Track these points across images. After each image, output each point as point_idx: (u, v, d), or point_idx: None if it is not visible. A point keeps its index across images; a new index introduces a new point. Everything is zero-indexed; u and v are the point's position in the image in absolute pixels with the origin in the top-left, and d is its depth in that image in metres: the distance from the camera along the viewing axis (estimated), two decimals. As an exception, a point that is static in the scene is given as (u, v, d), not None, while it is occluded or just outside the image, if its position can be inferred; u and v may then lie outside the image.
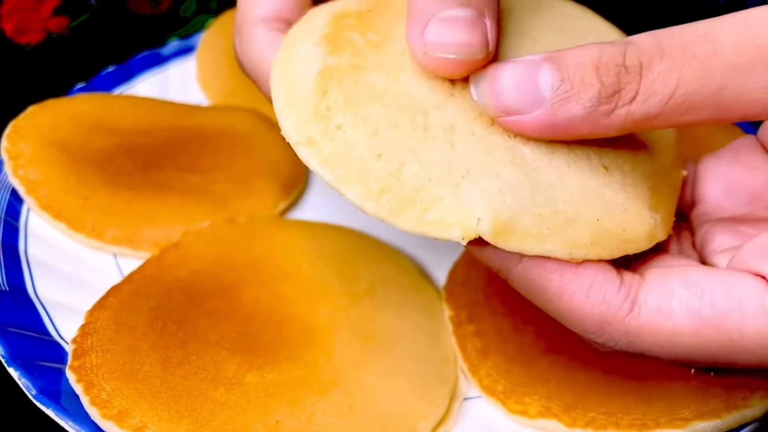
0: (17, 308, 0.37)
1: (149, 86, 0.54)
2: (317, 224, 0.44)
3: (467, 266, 0.41)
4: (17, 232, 0.41)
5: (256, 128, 0.50)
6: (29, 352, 0.35)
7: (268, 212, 0.45)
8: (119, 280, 0.39)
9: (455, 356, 0.38)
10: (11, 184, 0.43)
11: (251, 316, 0.37)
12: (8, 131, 0.44)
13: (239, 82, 0.54)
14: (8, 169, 0.43)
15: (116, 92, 0.53)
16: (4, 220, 0.42)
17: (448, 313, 0.39)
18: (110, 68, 0.54)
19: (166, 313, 0.37)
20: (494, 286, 0.40)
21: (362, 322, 0.38)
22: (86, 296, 0.38)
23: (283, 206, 0.46)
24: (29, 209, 0.43)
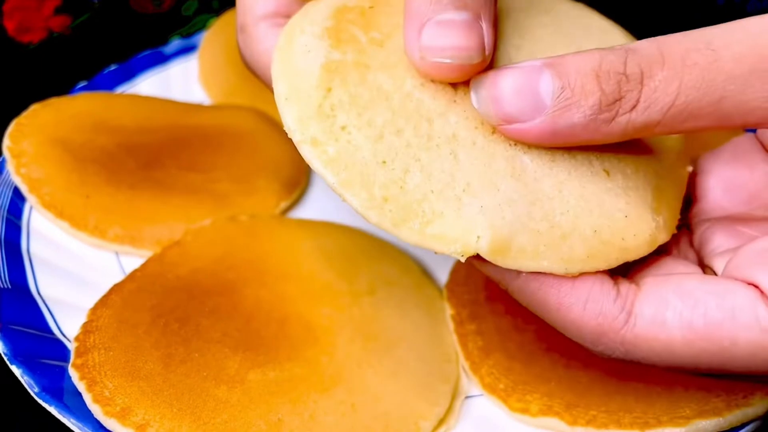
0: (20, 306, 0.37)
1: (151, 85, 0.54)
2: (319, 223, 0.44)
3: (468, 265, 0.41)
4: (20, 230, 0.42)
5: (257, 127, 0.50)
6: (32, 349, 0.35)
7: (269, 211, 0.45)
8: (121, 278, 0.39)
9: (456, 355, 0.38)
10: (14, 182, 0.43)
11: (253, 314, 0.37)
12: (11, 129, 0.45)
13: (241, 81, 0.54)
14: (11, 167, 0.43)
15: (118, 91, 0.53)
16: (6, 218, 0.42)
17: (449, 311, 0.39)
18: (112, 67, 0.54)
19: (168, 311, 0.37)
20: (495, 285, 0.39)
21: (364, 320, 0.38)
22: (88, 294, 0.38)
23: (284, 205, 0.46)
24: (32, 207, 0.43)
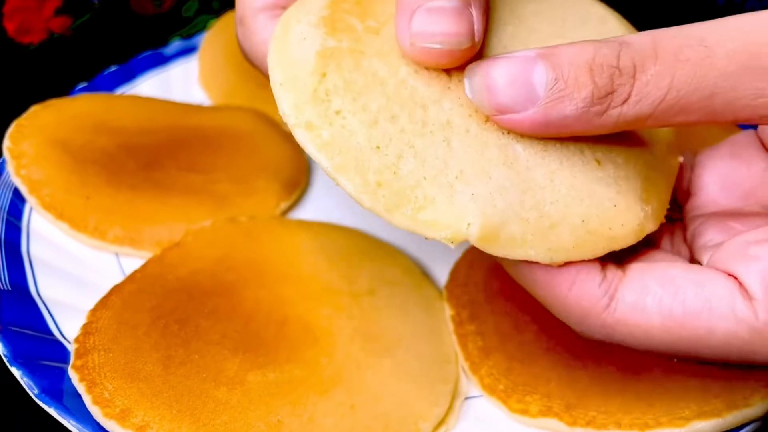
0: (20, 308, 0.37)
1: (151, 86, 0.54)
2: (318, 224, 0.44)
3: (468, 266, 0.41)
4: (20, 231, 0.42)
5: (257, 128, 0.50)
6: (32, 351, 0.35)
7: (269, 212, 0.45)
8: (121, 279, 0.39)
9: (456, 355, 0.38)
10: (14, 183, 0.43)
11: (252, 315, 0.37)
12: (11, 130, 0.45)
13: (241, 82, 0.54)
14: (11, 168, 0.43)
15: (118, 92, 0.53)
16: (6, 219, 0.42)
17: (449, 312, 0.39)
18: (112, 68, 0.54)
19: (167, 312, 0.37)
20: (495, 285, 0.40)
21: (363, 321, 0.38)
22: (88, 295, 0.38)
23: (284, 206, 0.46)
24: (32, 209, 0.43)
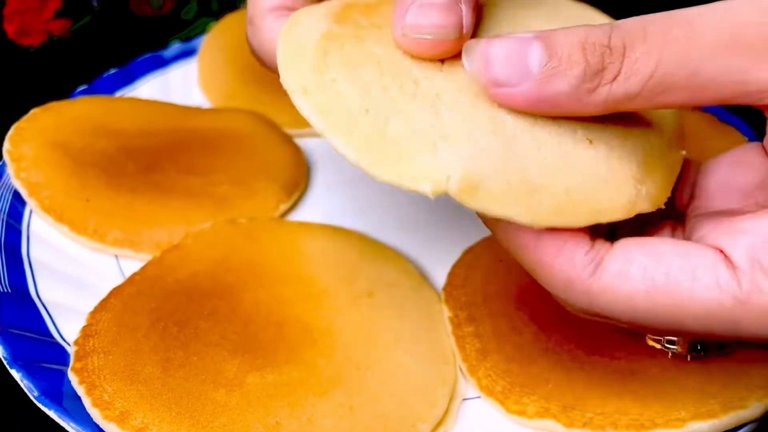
0: (19, 310, 0.37)
1: (151, 89, 0.54)
2: (317, 226, 0.44)
3: (466, 268, 0.41)
4: (20, 234, 0.42)
5: (256, 130, 0.50)
6: (31, 353, 0.35)
7: (268, 214, 0.45)
8: (121, 281, 0.39)
9: (454, 357, 0.38)
10: (14, 186, 0.43)
11: (251, 317, 0.37)
12: (11, 133, 0.45)
13: (240, 84, 0.54)
14: (11, 171, 0.43)
15: (118, 94, 0.53)
16: (6, 222, 0.42)
17: (447, 313, 0.39)
18: (112, 71, 0.54)
19: (167, 314, 0.37)
20: (493, 287, 0.40)
21: (362, 323, 0.38)
22: (88, 298, 0.38)
23: (283, 208, 0.46)
24: (31, 211, 0.43)
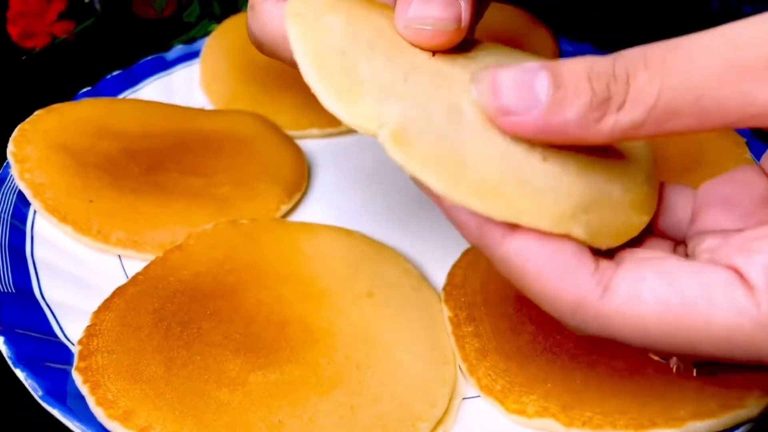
0: (24, 310, 0.38)
1: (154, 90, 0.55)
2: (318, 226, 0.44)
3: (466, 268, 0.42)
4: (24, 234, 0.42)
5: (258, 132, 0.50)
6: (36, 353, 0.35)
7: (270, 214, 0.45)
8: (124, 281, 0.40)
9: (454, 356, 0.38)
10: (18, 187, 0.43)
11: (253, 317, 0.38)
12: (15, 135, 0.45)
13: (242, 86, 0.54)
14: (15, 172, 0.43)
15: (121, 96, 0.53)
16: (11, 223, 0.42)
17: (447, 313, 0.40)
18: (115, 73, 0.54)
19: (170, 314, 0.37)
20: (492, 287, 0.40)
21: (363, 323, 0.38)
22: (92, 298, 0.39)
23: (285, 208, 0.46)
24: (36, 212, 0.43)
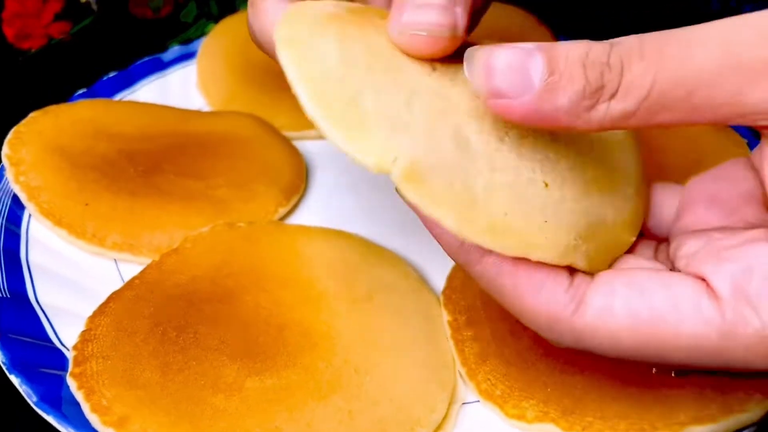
0: (18, 315, 0.37)
1: (150, 92, 0.54)
2: (317, 229, 0.44)
3: (465, 271, 0.41)
4: (18, 238, 0.42)
5: (256, 133, 0.50)
6: (30, 358, 0.35)
7: (268, 217, 0.45)
8: (120, 285, 0.39)
9: (454, 360, 0.38)
10: (12, 190, 0.43)
11: (251, 321, 0.37)
12: (10, 137, 0.45)
13: (240, 87, 0.54)
14: (9, 175, 0.43)
15: (117, 98, 0.53)
16: (5, 226, 0.42)
17: (446, 317, 0.39)
18: (111, 74, 0.54)
19: (166, 319, 0.37)
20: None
21: (361, 327, 0.38)
22: (87, 302, 0.38)
23: (283, 211, 0.46)
24: (30, 216, 0.43)
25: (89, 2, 0.64)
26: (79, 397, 0.33)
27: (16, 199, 0.43)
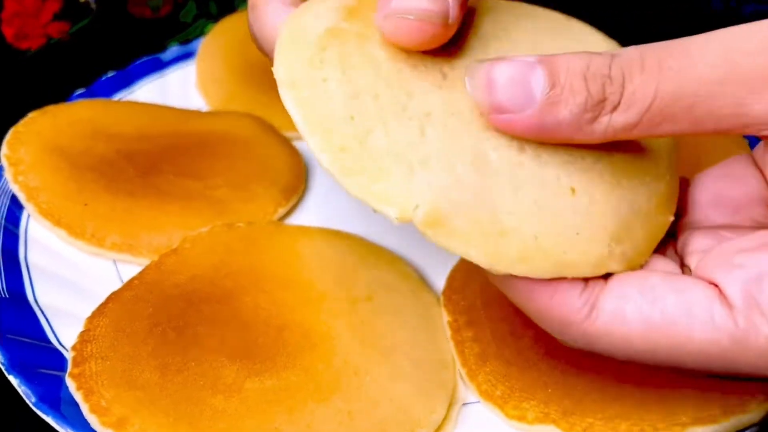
0: (17, 315, 0.37)
1: (149, 92, 0.54)
2: (316, 230, 0.44)
3: (465, 271, 0.41)
4: (17, 238, 0.42)
5: (255, 134, 0.50)
6: (29, 359, 0.35)
7: (267, 217, 0.45)
8: (119, 286, 0.39)
9: (454, 361, 0.38)
10: (11, 190, 0.43)
11: (250, 322, 0.37)
12: (8, 137, 0.45)
13: (239, 87, 0.54)
14: (8, 175, 0.43)
15: (116, 98, 0.53)
16: (4, 226, 0.42)
17: (446, 318, 0.39)
18: (110, 74, 0.54)
19: (165, 319, 0.37)
20: (492, 291, 0.40)
21: (361, 327, 0.38)
22: (86, 303, 0.38)
23: (282, 211, 0.46)
24: (29, 216, 0.43)
25: (88, 2, 0.63)
26: (78, 397, 0.33)
27: (14, 199, 0.43)
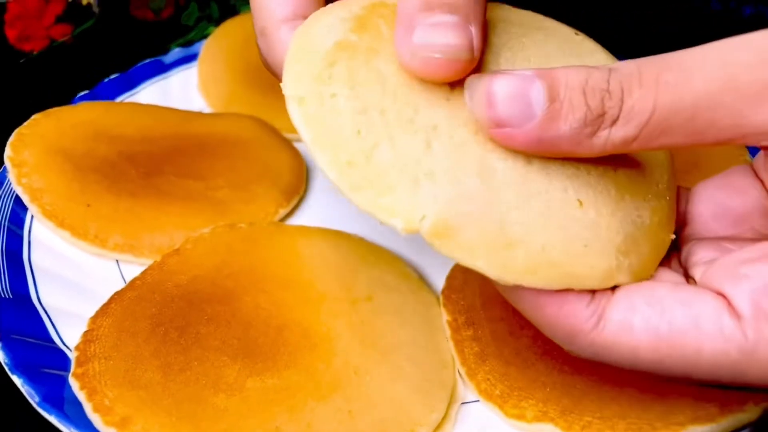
0: (21, 316, 0.37)
1: (151, 94, 0.54)
2: (317, 230, 0.44)
3: (465, 271, 0.41)
4: (21, 240, 0.42)
5: (256, 135, 0.50)
6: (33, 359, 0.35)
7: (268, 218, 0.45)
8: (122, 286, 0.40)
9: (453, 360, 0.38)
10: (15, 192, 0.43)
11: (251, 321, 0.38)
12: (12, 139, 0.45)
13: (240, 89, 0.54)
14: (12, 177, 0.43)
15: (119, 100, 0.53)
16: (8, 228, 0.42)
17: (446, 317, 0.40)
18: (113, 76, 0.54)
19: (167, 319, 0.37)
20: (491, 291, 0.40)
21: (361, 327, 0.38)
22: (89, 303, 0.38)
23: (283, 212, 0.46)
24: (33, 217, 0.43)
25: (91, 4, 0.64)
26: (81, 397, 0.33)
27: (18, 200, 0.43)
